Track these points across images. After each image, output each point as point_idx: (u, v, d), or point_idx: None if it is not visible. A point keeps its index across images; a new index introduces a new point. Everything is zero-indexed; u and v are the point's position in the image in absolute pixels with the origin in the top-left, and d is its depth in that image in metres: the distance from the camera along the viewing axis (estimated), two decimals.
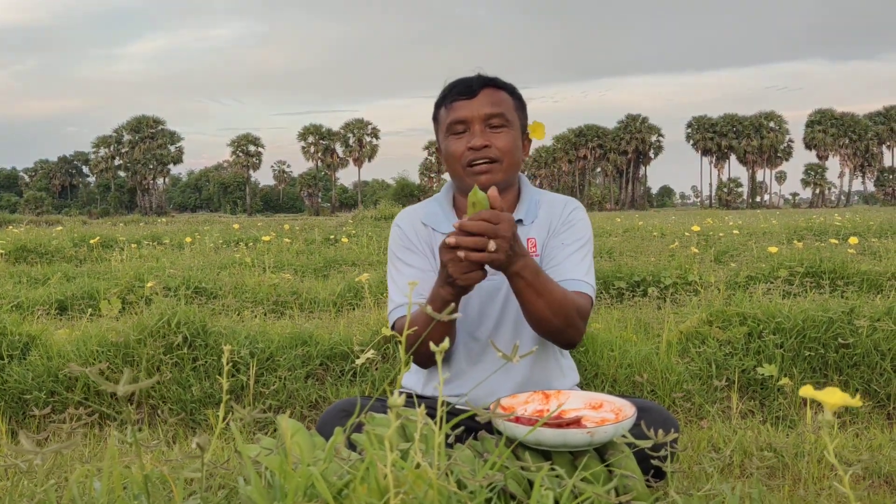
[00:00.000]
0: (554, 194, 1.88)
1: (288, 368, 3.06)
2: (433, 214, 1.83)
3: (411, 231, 1.82)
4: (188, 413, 2.89)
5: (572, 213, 1.81)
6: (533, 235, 1.80)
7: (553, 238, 1.79)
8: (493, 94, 1.71)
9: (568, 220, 1.80)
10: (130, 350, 3.04)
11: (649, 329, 3.74)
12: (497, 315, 1.80)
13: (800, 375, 3.07)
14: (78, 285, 5.46)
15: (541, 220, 1.80)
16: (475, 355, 1.83)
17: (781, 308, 3.29)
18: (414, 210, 1.88)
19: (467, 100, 1.69)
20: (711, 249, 7.36)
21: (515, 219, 1.76)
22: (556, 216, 1.80)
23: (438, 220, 1.81)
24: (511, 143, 1.70)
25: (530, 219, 1.79)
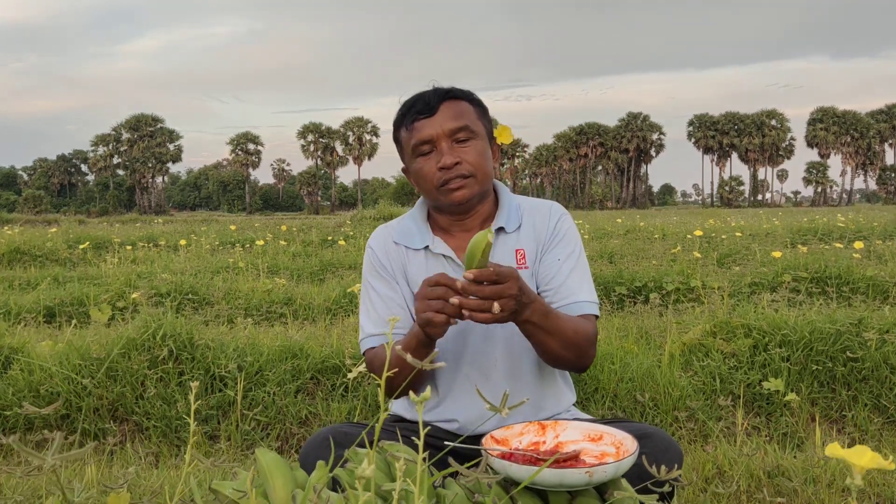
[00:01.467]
0: (534, 200, 1.77)
1: (277, 383, 2.96)
2: (406, 232, 1.73)
3: (383, 253, 1.73)
4: (173, 430, 2.79)
5: (560, 221, 1.71)
6: (521, 246, 1.69)
7: (545, 253, 1.69)
8: (453, 106, 1.62)
9: (557, 232, 1.70)
10: (114, 364, 2.94)
11: (651, 339, 3.64)
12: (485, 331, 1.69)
13: (807, 390, 2.97)
14: (68, 291, 5.35)
15: (526, 228, 1.70)
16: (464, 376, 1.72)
17: (787, 320, 3.18)
18: (386, 229, 1.79)
19: (428, 118, 1.60)
20: (714, 253, 7.25)
21: (496, 227, 1.67)
22: (543, 226, 1.70)
23: (412, 237, 1.72)
24: (481, 155, 1.62)
25: (513, 226, 1.69)
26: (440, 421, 1.74)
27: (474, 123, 1.62)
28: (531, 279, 1.68)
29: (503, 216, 1.69)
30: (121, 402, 2.87)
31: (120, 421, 2.88)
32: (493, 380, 1.70)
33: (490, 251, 1.37)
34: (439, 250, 1.68)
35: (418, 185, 1.66)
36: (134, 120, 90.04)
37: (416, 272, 1.70)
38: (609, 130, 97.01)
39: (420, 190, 1.68)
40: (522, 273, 1.66)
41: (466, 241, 1.68)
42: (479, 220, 1.70)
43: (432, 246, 1.68)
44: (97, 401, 2.87)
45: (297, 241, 10.30)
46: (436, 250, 1.68)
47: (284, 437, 2.83)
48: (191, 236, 11.27)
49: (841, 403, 2.95)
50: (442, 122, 1.59)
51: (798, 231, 10.38)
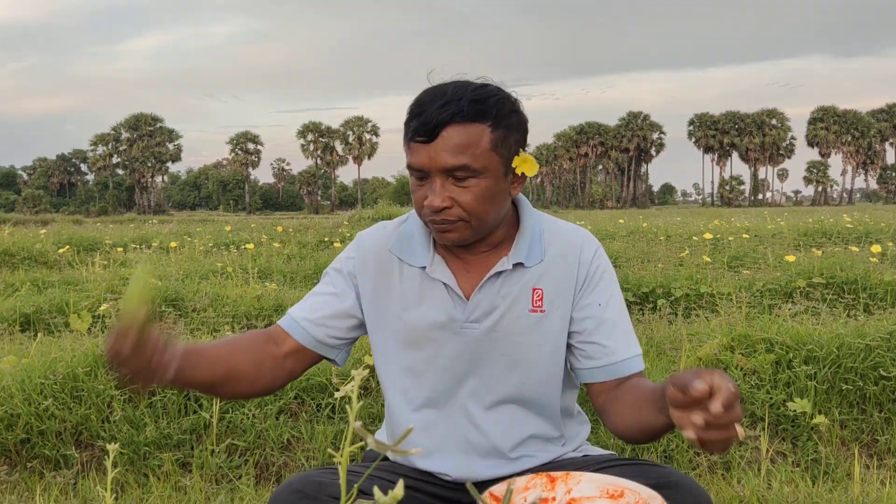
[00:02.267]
0: (561, 225, 1.47)
1: (257, 404, 2.71)
2: (406, 240, 1.44)
3: (371, 252, 1.46)
4: (141, 457, 2.54)
5: (595, 259, 1.41)
6: (540, 285, 1.39)
7: (580, 298, 1.40)
8: (458, 133, 1.26)
9: (594, 272, 1.41)
10: (79, 384, 2.69)
11: (662, 351, 3.40)
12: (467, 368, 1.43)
13: (836, 411, 2.72)
14: (48, 296, 5.10)
15: (550, 264, 1.40)
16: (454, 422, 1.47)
17: (812, 333, 2.94)
18: (384, 231, 1.49)
19: (424, 143, 1.27)
20: (724, 256, 7.00)
21: (514, 262, 1.38)
22: (573, 264, 1.41)
23: (411, 250, 1.43)
24: (481, 197, 1.29)
25: (534, 259, 1.39)
26: (432, 470, 1.49)
27: (481, 158, 1.27)
28: (545, 323, 1.39)
29: (523, 247, 1.39)
30: (85, 426, 2.63)
31: (84, 447, 2.63)
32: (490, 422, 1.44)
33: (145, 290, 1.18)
34: (438, 276, 1.39)
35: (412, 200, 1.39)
36: (133, 119, 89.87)
37: (405, 292, 1.42)
38: (609, 130, 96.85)
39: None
40: (535, 317, 1.39)
41: (472, 267, 1.41)
42: (490, 246, 1.41)
43: (430, 269, 1.40)
44: (59, 424, 2.62)
45: (292, 243, 10.06)
46: (433, 275, 1.39)
47: (264, 464, 2.59)
48: (184, 237, 11.02)
49: (873, 426, 2.70)
50: (437, 155, 1.26)
51: (805, 232, 10.13)
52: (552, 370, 1.42)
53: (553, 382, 1.43)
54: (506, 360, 1.41)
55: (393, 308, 1.43)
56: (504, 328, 1.39)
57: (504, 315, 1.39)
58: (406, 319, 1.41)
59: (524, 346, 1.40)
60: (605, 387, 1.39)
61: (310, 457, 2.57)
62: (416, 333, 1.41)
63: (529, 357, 1.41)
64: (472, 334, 1.40)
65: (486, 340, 1.40)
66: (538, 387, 1.42)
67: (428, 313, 1.40)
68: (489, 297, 1.39)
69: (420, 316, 1.40)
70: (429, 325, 1.40)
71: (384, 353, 1.46)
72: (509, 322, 1.39)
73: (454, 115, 1.26)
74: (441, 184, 1.28)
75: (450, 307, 1.39)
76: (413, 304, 1.41)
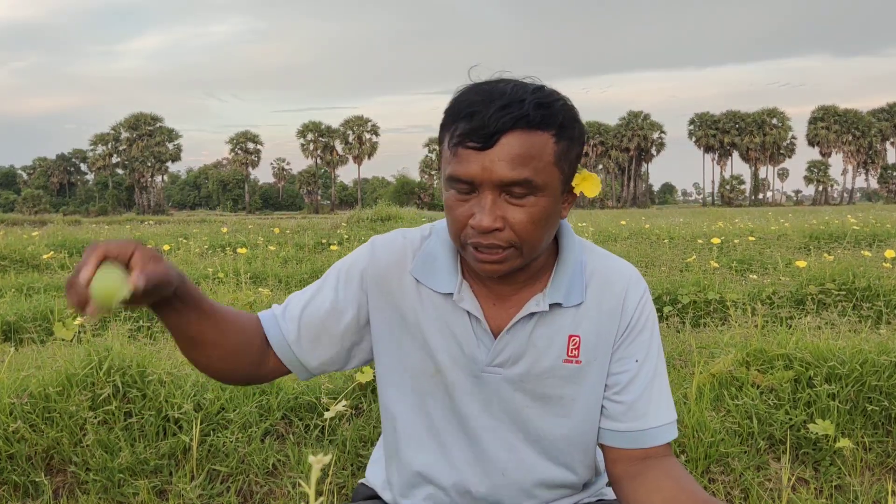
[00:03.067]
0: (606, 258, 1.26)
1: (242, 425, 2.54)
2: (429, 263, 1.22)
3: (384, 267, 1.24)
4: (115, 484, 2.36)
5: (640, 306, 1.22)
6: (578, 332, 1.20)
7: (619, 348, 1.21)
8: (521, 142, 1.04)
9: (637, 321, 1.21)
10: (51, 404, 2.51)
11: (673, 366, 3.23)
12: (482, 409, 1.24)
13: (859, 433, 2.54)
14: (32, 304, 4.93)
15: (590, 307, 1.21)
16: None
17: (833, 349, 2.76)
18: (405, 244, 1.26)
19: (479, 150, 1.04)
20: (730, 259, 6.82)
21: (550, 301, 1.17)
22: (615, 310, 1.21)
23: (435, 275, 1.21)
24: (538, 219, 1.08)
25: (573, 301, 1.19)
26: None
27: (543, 173, 1.06)
28: (579, 376, 1.21)
29: (562, 283, 1.19)
30: (56, 450, 2.45)
31: (55, 472, 2.46)
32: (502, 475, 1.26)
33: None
34: (465, 306, 1.18)
35: (446, 215, 1.15)
36: (133, 119, 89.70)
37: (422, 321, 1.21)
38: (610, 129, 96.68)
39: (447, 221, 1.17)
40: (569, 369, 1.20)
41: (502, 300, 1.20)
42: (527, 276, 1.19)
43: (457, 297, 1.19)
44: (29, 448, 2.44)
45: (289, 245, 9.88)
46: (460, 304, 1.18)
47: (248, 490, 2.41)
48: (180, 239, 10.85)
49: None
50: (494, 165, 1.04)
51: (811, 234, 9.96)
52: (584, 428, 1.23)
53: (584, 441, 1.25)
54: (529, 414, 1.22)
55: (405, 337, 1.23)
56: (532, 379, 1.20)
57: (534, 364, 1.20)
58: (420, 352, 1.22)
59: (553, 399, 1.21)
60: (625, 455, 1.21)
61: (296, 483, 2.40)
62: (430, 369, 1.22)
63: (557, 412, 1.22)
64: (494, 380, 1.20)
65: (510, 390, 1.21)
66: (566, 446, 1.24)
67: (447, 347, 1.21)
68: (519, 339, 1.19)
69: (436, 349, 1.21)
70: (446, 361, 1.21)
71: (391, 383, 1.27)
72: (538, 372, 1.20)
73: (518, 119, 1.03)
74: (493, 200, 1.06)
75: (473, 345, 1.20)
76: (431, 335, 1.21)
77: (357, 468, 2.45)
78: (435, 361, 1.21)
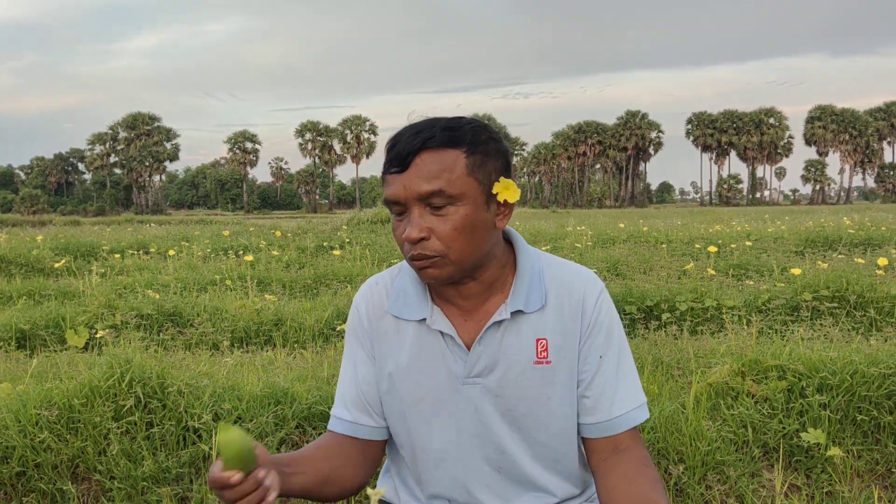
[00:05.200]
0: (561, 266, 1.38)
1: (259, 434, 2.65)
2: (401, 297, 1.38)
3: (366, 319, 1.42)
4: (139, 492, 2.47)
5: (598, 305, 1.34)
6: (544, 335, 1.32)
7: (582, 345, 1.34)
8: (431, 159, 1.22)
9: (597, 319, 1.33)
10: (76, 415, 2.62)
11: (670, 373, 3.34)
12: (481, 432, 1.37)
13: (849, 441, 2.66)
14: (44, 311, 5.03)
15: (553, 310, 1.33)
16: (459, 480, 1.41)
17: (825, 360, 2.87)
18: (377, 289, 1.43)
19: (398, 173, 1.24)
20: (726, 264, 6.94)
21: (512, 309, 1.31)
22: (576, 310, 1.33)
23: (407, 306, 1.37)
24: (460, 226, 1.23)
25: (534, 305, 1.32)
26: None
27: (457, 183, 1.21)
28: (551, 375, 1.33)
29: (521, 293, 1.32)
30: (81, 459, 2.56)
31: (81, 480, 2.57)
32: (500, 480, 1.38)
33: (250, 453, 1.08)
34: (437, 326, 1.33)
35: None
36: (131, 118, 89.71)
37: (402, 349, 1.36)
38: (607, 129, 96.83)
39: None
40: (540, 370, 1.32)
41: (470, 315, 1.34)
42: (484, 286, 1.32)
43: (430, 320, 1.33)
44: (55, 457, 2.55)
45: (291, 248, 9.98)
46: (433, 326, 1.33)
47: None
48: (182, 243, 10.94)
49: (888, 458, 2.64)
50: (411, 182, 1.22)
51: (807, 238, 10.08)
52: (564, 423, 1.35)
53: (566, 437, 1.37)
54: (512, 416, 1.34)
55: (393, 367, 1.37)
56: (509, 383, 1.32)
57: (508, 370, 1.32)
58: (409, 384, 1.35)
59: (530, 400, 1.33)
60: (599, 446, 1.34)
61: None
62: (415, 396, 1.35)
63: (536, 412, 1.34)
64: (475, 391, 1.33)
65: (490, 397, 1.33)
66: (550, 442, 1.36)
67: (428, 368, 1.34)
68: (491, 348, 1.32)
69: (419, 371, 1.34)
70: (430, 382, 1.34)
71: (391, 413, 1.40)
72: (514, 377, 1.32)
73: (426, 140, 1.22)
74: (419, 213, 1.23)
75: (450, 361, 1.33)
76: (411, 359, 1.35)
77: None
78: (419, 388, 1.35)
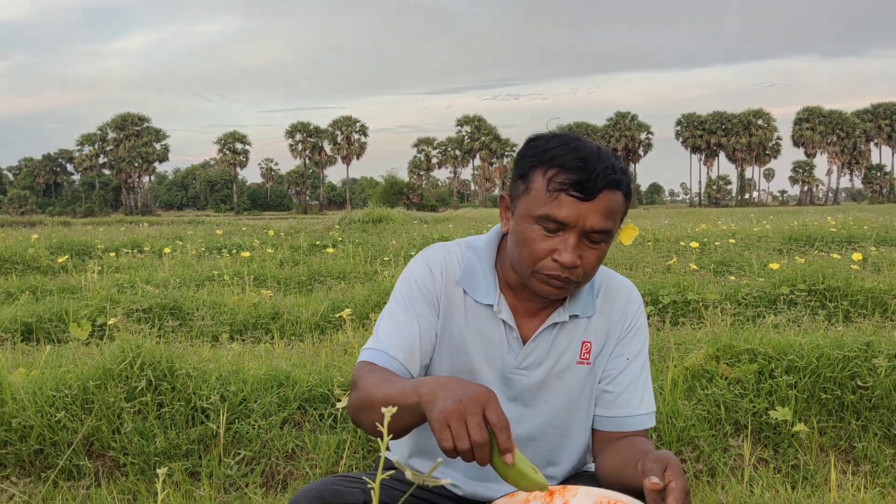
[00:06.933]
0: (613, 277, 1.53)
1: (262, 414, 2.82)
2: (471, 275, 1.46)
3: (442, 282, 1.46)
4: (151, 467, 2.64)
5: (637, 314, 1.50)
6: (589, 339, 1.48)
7: (615, 347, 1.49)
8: (610, 199, 1.30)
9: (632, 326, 1.49)
10: (90, 396, 2.78)
11: (652, 360, 3.53)
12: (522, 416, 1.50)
13: (815, 419, 2.85)
14: (47, 305, 5.18)
15: (600, 317, 1.48)
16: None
17: (793, 344, 3.07)
18: (450, 258, 1.48)
19: (581, 201, 1.28)
20: (710, 261, 7.15)
21: (570, 313, 1.45)
22: (618, 318, 1.49)
23: (477, 286, 1.45)
24: (599, 259, 1.35)
25: (588, 313, 1.46)
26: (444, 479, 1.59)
27: (616, 225, 1.34)
28: (589, 376, 1.49)
29: (579, 299, 1.46)
30: (96, 437, 2.72)
31: (96, 457, 2.73)
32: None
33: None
34: (503, 316, 1.44)
35: (514, 243, 1.37)
36: (120, 119, 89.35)
37: (465, 327, 1.46)
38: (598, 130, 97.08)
39: (510, 247, 1.40)
40: (581, 369, 1.48)
41: (530, 312, 1.46)
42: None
43: (497, 308, 1.44)
44: (71, 435, 2.71)
45: (284, 247, 10.13)
46: (499, 314, 1.44)
47: (270, 472, 2.69)
48: (176, 242, 11.07)
49: (850, 433, 2.84)
50: (590, 215, 1.29)
51: (791, 237, 10.31)
52: (588, 415, 1.52)
53: (586, 426, 1.53)
54: (547, 408, 1.49)
55: (452, 340, 1.46)
56: (553, 379, 1.48)
57: (554, 366, 1.47)
58: (460, 354, 1.46)
59: (566, 395, 1.49)
60: (608, 437, 1.49)
61: (314, 465, 2.68)
62: (466, 367, 1.46)
63: (569, 406, 1.50)
64: (520, 381, 1.47)
65: (532, 388, 1.48)
66: (572, 429, 1.52)
67: (483, 350, 1.46)
68: (543, 346, 1.46)
69: (473, 351, 1.45)
70: (481, 362, 1.46)
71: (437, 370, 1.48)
72: (558, 373, 1.47)
73: (612, 182, 1.29)
74: (576, 242, 1.31)
75: (505, 350, 1.46)
76: (471, 339, 1.46)
77: (367, 451, 2.73)
78: (470, 362, 1.46)
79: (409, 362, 1.39)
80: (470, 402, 1.07)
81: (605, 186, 1.29)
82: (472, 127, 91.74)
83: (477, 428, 1.06)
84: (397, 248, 9.51)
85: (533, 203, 1.32)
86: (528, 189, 1.35)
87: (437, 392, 1.13)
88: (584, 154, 1.30)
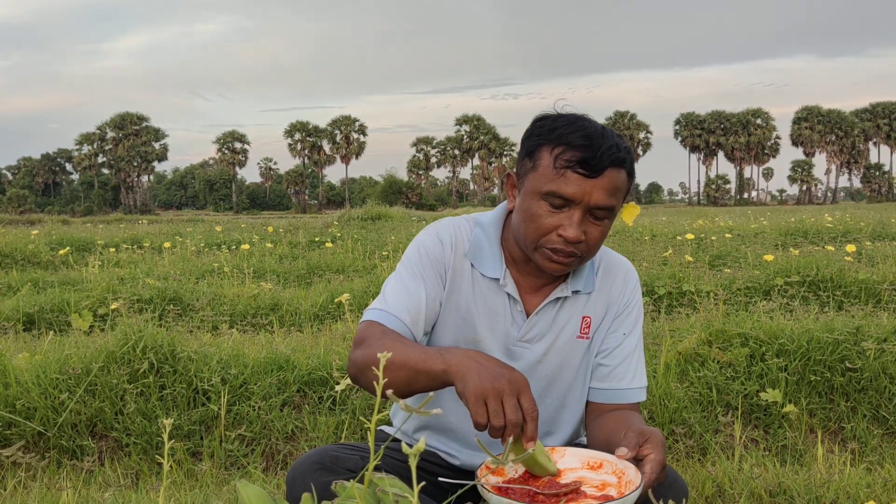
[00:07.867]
0: (612, 255, 1.60)
1: (262, 396, 2.87)
2: (479, 250, 1.51)
3: (451, 254, 1.51)
4: (153, 447, 2.69)
5: (634, 291, 1.57)
6: (589, 313, 1.55)
7: (613, 323, 1.55)
8: (615, 177, 1.36)
9: (629, 302, 1.56)
10: (93, 378, 2.83)
11: (646, 346, 3.58)
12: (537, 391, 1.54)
13: (805, 401, 2.91)
14: (48, 297, 5.23)
15: (599, 293, 1.55)
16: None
17: (784, 328, 3.12)
18: (459, 232, 1.53)
19: (587, 178, 1.34)
20: (705, 255, 7.20)
21: (572, 289, 1.51)
22: (617, 294, 1.56)
23: (484, 260, 1.51)
24: (604, 236, 1.41)
25: (589, 288, 1.53)
26: (439, 450, 1.64)
27: (619, 202, 1.40)
28: (587, 350, 1.56)
29: (581, 276, 1.52)
30: (99, 418, 2.77)
31: (99, 437, 2.78)
32: None
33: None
34: (508, 290, 1.50)
35: (523, 220, 1.41)
36: (119, 118, 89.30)
37: (471, 298, 1.51)
38: None
39: (518, 223, 1.44)
40: (581, 344, 1.54)
41: (534, 287, 1.52)
42: None
43: (503, 282, 1.50)
44: (75, 416, 2.76)
45: (283, 243, 10.18)
46: (505, 288, 1.50)
47: (270, 453, 2.75)
48: (175, 238, 11.12)
49: (839, 415, 2.89)
50: (596, 192, 1.35)
51: (787, 232, 10.37)
52: (584, 387, 1.58)
53: (582, 398, 1.59)
54: (547, 381, 1.56)
55: (458, 311, 1.52)
56: (553, 352, 1.54)
57: (555, 340, 1.53)
58: (466, 324, 1.51)
59: (565, 368, 1.55)
60: (600, 409, 1.55)
61: (313, 445, 2.73)
62: (471, 337, 1.51)
63: (567, 379, 1.56)
64: (522, 353, 1.53)
65: (533, 361, 1.54)
66: (569, 401, 1.59)
67: (487, 322, 1.51)
68: (545, 320, 1.52)
69: (478, 322, 1.51)
70: (485, 333, 1.51)
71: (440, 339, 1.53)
72: (559, 347, 1.53)
73: (620, 160, 1.36)
74: (581, 217, 1.36)
75: (508, 322, 1.52)
76: (476, 311, 1.51)
77: (365, 432, 2.79)
78: (475, 332, 1.52)
79: (415, 326, 1.44)
80: (508, 384, 1.15)
81: (610, 164, 1.34)
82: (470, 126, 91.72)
83: (513, 409, 1.14)
84: (396, 244, 9.57)
85: (540, 180, 1.38)
86: (535, 166, 1.40)
87: (469, 365, 1.19)
88: (589, 132, 1.36)
